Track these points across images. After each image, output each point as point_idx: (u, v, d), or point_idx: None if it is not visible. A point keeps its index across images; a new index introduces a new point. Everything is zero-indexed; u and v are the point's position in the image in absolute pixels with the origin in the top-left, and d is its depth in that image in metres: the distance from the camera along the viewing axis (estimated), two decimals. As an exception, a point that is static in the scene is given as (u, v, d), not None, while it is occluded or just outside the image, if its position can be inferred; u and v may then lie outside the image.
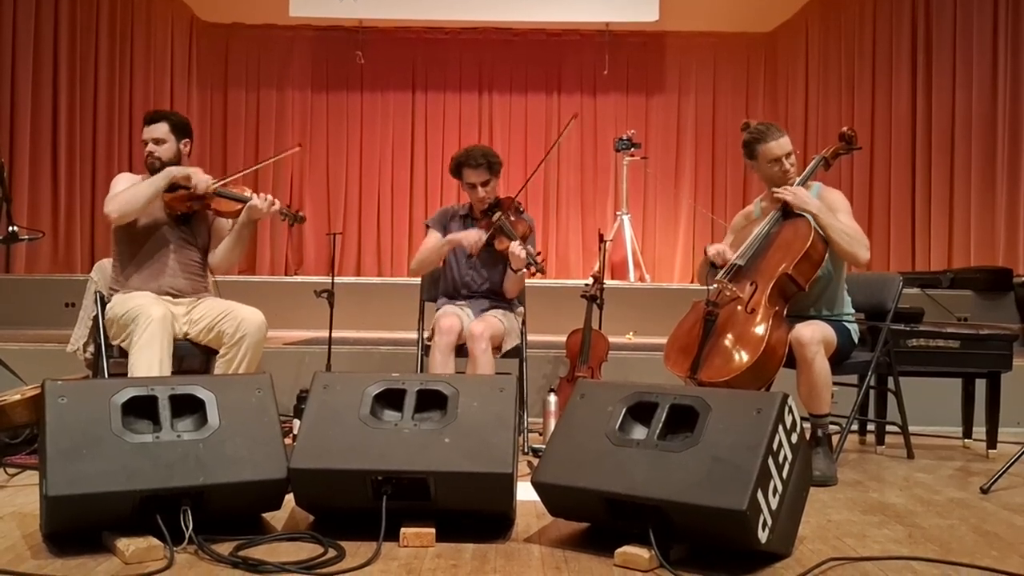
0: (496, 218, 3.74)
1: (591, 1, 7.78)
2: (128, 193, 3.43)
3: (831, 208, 3.28)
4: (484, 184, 3.79)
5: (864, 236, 3.26)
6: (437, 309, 3.87)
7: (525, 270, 3.68)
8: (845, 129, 3.54)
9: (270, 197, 3.52)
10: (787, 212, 3.29)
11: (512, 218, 3.77)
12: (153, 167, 3.55)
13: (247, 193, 3.55)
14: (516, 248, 3.63)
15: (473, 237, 3.72)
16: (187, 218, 3.56)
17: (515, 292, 3.89)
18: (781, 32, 8.19)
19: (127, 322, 3.30)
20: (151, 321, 3.23)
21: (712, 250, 3.36)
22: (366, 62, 8.09)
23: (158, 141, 3.53)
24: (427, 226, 3.99)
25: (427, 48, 8.26)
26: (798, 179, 3.38)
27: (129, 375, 3.24)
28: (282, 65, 8.20)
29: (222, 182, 3.55)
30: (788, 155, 3.36)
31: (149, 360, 3.20)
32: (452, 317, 3.65)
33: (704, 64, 8.27)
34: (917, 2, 7.00)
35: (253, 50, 8.19)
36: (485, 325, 3.62)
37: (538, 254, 3.68)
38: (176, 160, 3.56)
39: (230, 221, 3.61)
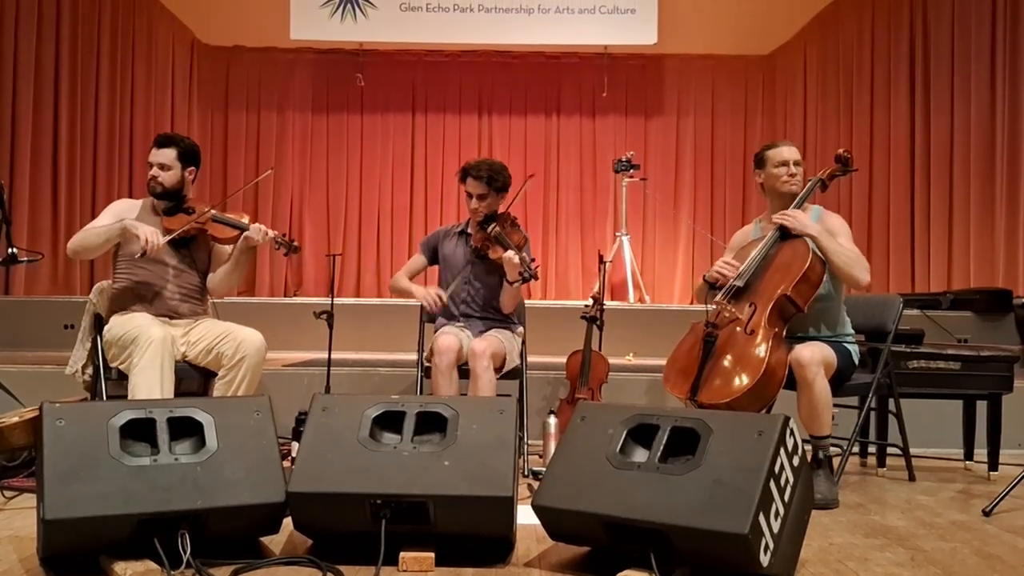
0: (491, 229, 3.75)
1: (590, 24, 7.83)
2: (84, 235, 3.48)
3: (831, 232, 3.29)
4: (480, 198, 3.81)
5: (864, 260, 3.27)
6: (436, 331, 3.87)
7: (520, 282, 3.67)
8: (841, 151, 3.56)
9: (264, 227, 3.54)
10: (785, 233, 3.30)
11: (507, 229, 3.78)
12: (154, 191, 3.58)
13: (244, 220, 3.56)
14: (510, 256, 3.63)
15: (432, 298, 3.77)
16: (185, 242, 3.57)
17: (511, 306, 3.88)
18: (779, 54, 8.23)
19: (126, 343, 3.30)
20: (151, 342, 3.23)
21: (711, 272, 3.36)
22: (366, 84, 8.13)
23: (163, 167, 3.56)
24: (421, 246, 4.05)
25: (427, 70, 8.31)
26: (796, 200, 3.39)
27: (129, 397, 3.24)
28: (283, 87, 8.24)
29: (200, 212, 3.54)
30: (797, 162, 3.40)
31: (150, 382, 3.19)
32: (450, 336, 3.65)
33: (702, 86, 8.31)
34: (915, 24, 7.04)
35: (254, 72, 8.23)
36: (487, 343, 3.62)
37: (532, 261, 3.68)
38: (179, 186, 3.59)
39: (229, 246, 3.62)
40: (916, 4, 7.04)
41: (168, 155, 3.57)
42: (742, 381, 3.02)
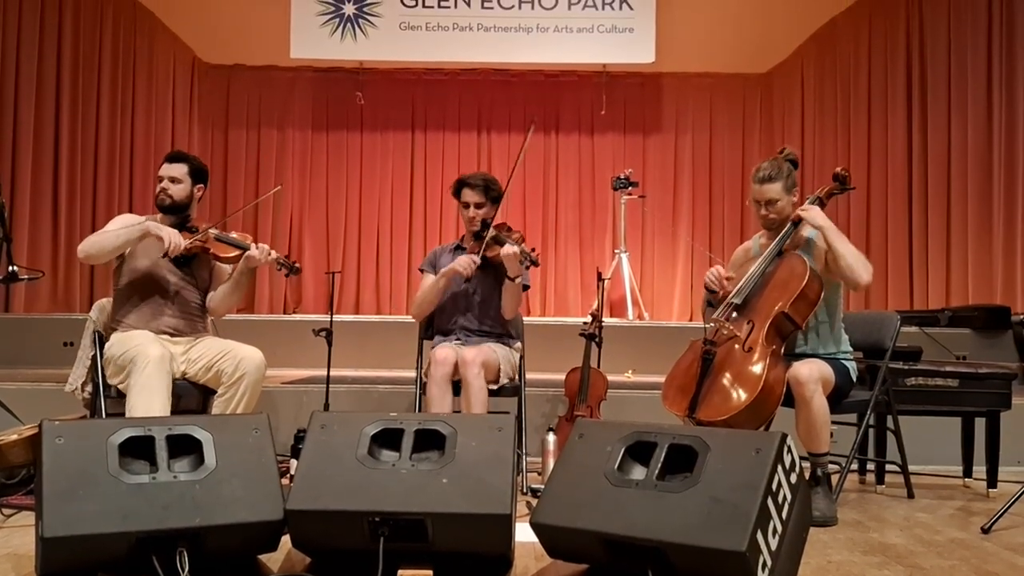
0: (487, 234, 3.78)
1: (588, 43, 7.87)
2: (99, 236, 3.47)
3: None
4: (478, 206, 3.86)
5: (868, 262, 3.27)
6: (433, 347, 3.88)
7: (525, 269, 3.68)
8: (839, 169, 3.58)
9: (267, 247, 3.56)
10: (783, 251, 3.32)
11: (503, 232, 3.82)
12: (163, 204, 3.60)
13: (247, 241, 3.58)
14: (509, 248, 3.65)
15: (464, 261, 3.74)
16: (187, 260, 3.58)
17: (512, 310, 3.87)
18: (777, 72, 8.27)
19: (125, 363, 3.30)
20: (148, 362, 3.23)
21: (710, 274, 3.37)
22: (366, 102, 8.16)
23: (174, 180, 3.59)
24: (421, 271, 4.04)
25: (427, 89, 8.34)
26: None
27: (127, 416, 3.23)
28: (283, 105, 8.26)
29: (203, 230, 3.56)
30: (769, 202, 3.39)
31: (147, 402, 3.19)
32: (447, 349, 3.68)
33: (700, 104, 8.34)
34: (911, 42, 7.09)
35: (254, 91, 8.26)
36: (477, 351, 3.65)
37: (533, 250, 3.69)
38: (187, 201, 3.62)
39: (230, 265, 3.63)
40: (912, 22, 7.09)
41: (180, 169, 3.60)
42: (740, 398, 3.02)
